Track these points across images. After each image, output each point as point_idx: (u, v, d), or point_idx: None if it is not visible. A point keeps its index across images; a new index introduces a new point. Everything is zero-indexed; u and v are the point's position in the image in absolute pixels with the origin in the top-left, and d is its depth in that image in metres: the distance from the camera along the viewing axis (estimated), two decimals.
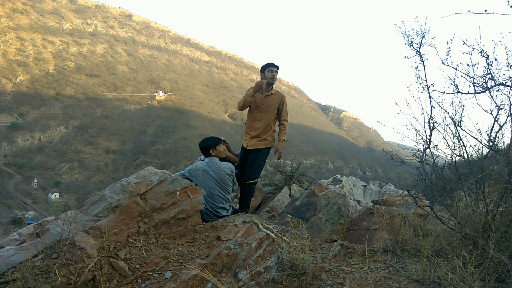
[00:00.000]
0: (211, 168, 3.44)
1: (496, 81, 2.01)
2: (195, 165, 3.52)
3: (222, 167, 3.48)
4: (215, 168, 3.44)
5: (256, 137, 3.77)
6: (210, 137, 3.74)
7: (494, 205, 1.99)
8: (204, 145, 3.61)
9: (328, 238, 2.82)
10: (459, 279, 1.63)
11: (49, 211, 34.41)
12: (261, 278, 1.99)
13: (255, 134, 3.77)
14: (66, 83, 78.70)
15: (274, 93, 3.78)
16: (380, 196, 6.16)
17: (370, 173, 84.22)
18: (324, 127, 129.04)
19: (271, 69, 3.72)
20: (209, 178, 3.39)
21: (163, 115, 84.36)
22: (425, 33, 2.25)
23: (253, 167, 3.77)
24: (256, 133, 3.76)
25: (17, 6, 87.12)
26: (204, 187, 3.33)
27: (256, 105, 3.76)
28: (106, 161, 66.38)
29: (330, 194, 3.39)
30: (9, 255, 1.99)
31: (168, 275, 2.18)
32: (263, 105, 3.74)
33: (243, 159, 3.90)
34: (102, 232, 2.30)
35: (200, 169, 3.45)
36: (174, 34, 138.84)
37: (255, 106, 3.77)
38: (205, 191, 3.31)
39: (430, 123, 2.39)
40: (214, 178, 3.40)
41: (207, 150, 3.57)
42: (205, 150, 3.58)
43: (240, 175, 3.82)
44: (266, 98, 3.75)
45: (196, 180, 3.35)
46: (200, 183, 3.35)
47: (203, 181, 3.38)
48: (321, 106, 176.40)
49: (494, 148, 2.16)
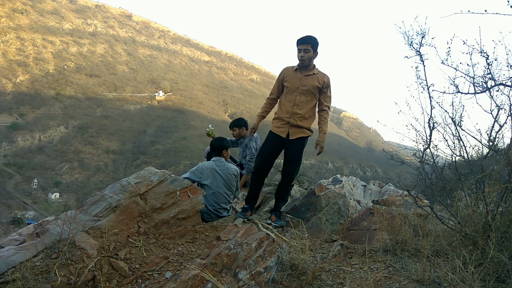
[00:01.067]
0: (220, 167, 3.46)
1: (496, 81, 2.01)
2: (201, 164, 3.53)
3: (230, 167, 3.55)
4: (224, 168, 3.47)
5: (297, 126, 3.12)
6: (225, 139, 3.84)
7: (494, 205, 1.99)
8: (219, 144, 3.63)
9: (328, 238, 2.82)
10: (459, 279, 1.63)
11: (49, 211, 34.42)
12: (261, 278, 1.99)
13: (296, 122, 3.10)
14: (66, 83, 78.71)
15: (316, 73, 3.13)
16: (380, 196, 6.16)
17: (370, 173, 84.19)
18: None
19: (298, 48, 3.06)
20: (216, 177, 3.41)
21: (163, 115, 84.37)
22: (425, 33, 2.25)
23: (298, 165, 3.21)
24: (298, 120, 3.10)
25: (17, 6, 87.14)
26: (211, 185, 3.35)
27: (294, 86, 3.11)
28: (106, 161, 66.38)
29: (330, 194, 3.39)
30: (9, 255, 1.99)
31: (168, 275, 2.18)
32: (304, 87, 3.08)
33: (273, 151, 3.20)
34: (102, 232, 2.30)
35: (208, 167, 3.46)
36: (174, 34, 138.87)
37: (293, 88, 3.12)
38: (211, 190, 3.33)
39: (430, 123, 2.39)
40: (222, 177, 3.42)
41: (220, 150, 3.60)
42: (218, 149, 3.61)
43: (260, 168, 3.25)
44: (306, 79, 3.09)
45: (203, 179, 3.37)
46: (207, 182, 3.36)
47: (210, 180, 3.40)
48: None
49: (494, 148, 2.17)
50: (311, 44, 3.03)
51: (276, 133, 3.16)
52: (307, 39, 3.03)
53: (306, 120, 3.14)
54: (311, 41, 3.03)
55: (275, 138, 3.17)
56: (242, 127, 4.54)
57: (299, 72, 3.12)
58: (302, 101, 3.10)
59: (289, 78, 3.15)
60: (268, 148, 3.20)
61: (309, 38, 3.04)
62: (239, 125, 4.56)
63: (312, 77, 3.11)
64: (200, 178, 3.38)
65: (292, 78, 3.14)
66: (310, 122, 3.19)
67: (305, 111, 3.12)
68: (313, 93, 3.11)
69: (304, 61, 3.05)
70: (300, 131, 3.13)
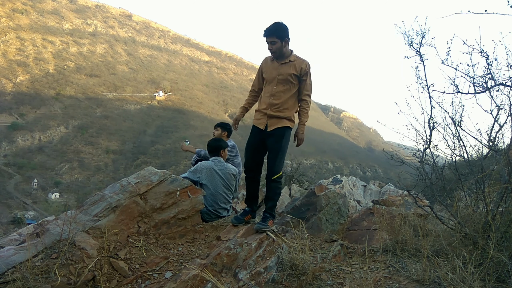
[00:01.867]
0: (219, 167, 3.46)
1: (496, 81, 2.01)
2: (200, 164, 3.53)
3: (229, 167, 3.55)
4: (222, 168, 3.47)
5: (275, 117, 2.97)
6: (221, 139, 3.84)
7: (494, 205, 1.99)
8: (217, 144, 3.63)
9: (328, 238, 2.82)
10: (459, 279, 1.63)
11: (49, 211, 34.38)
12: (261, 278, 1.99)
13: (273, 112, 2.96)
14: (66, 83, 78.72)
15: (293, 60, 2.94)
16: (380, 196, 6.16)
17: (370, 173, 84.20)
18: (324, 127, 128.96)
19: (266, 41, 2.89)
20: (215, 177, 3.40)
21: (163, 115, 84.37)
22: (425, 33, 2.25)
23: (278, 156, 2.96)
24: (275, 110, 2.96)
25: (17, 6, 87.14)
26: (210, 186, 3.35)
27: (271, 76, 2.97)
28: (106, 161, 66.39)
29: (330, 194, 3.39)
30: (9, 255, 1.99)
31: (168, 275, 2.18)
32: (280, 76, 2.93)
33: (256, 145, 3.05)
34: (102, 232, 2.30)
35: (207, 167, 3.45)
36: (174, 34, 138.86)
37: (271, 78, 2.98)
38: (210, 190, 3.33)
39: (430, 123, 2.39)
40: (221, 177, 3.42)
41: (218, 149, 3.59)
42: (216, 149, 3.60)
43: (248, 166, 3.12)
44: (282, 67, 2.93)
45: (202, 178, 3.37)
46: (206, 182, 3.36)
47: (209, 180, 3.39)
48: (321, 106, 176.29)
49: (494, 148, 2.17)
50: (275, 35, 2.85)
51: (256, 126, 3.05)
52: (271, 31, 2.85)
53: (286, 110, 2.97)
54: (275, 32, 2.85)
55: (254, 131, 3.06)
56: (225, 131, 4.27)
57: (275, 61, 2.97)
58: (279, 91, 2.95)
59: (266, 68, 3.03)
60: (251, 143, 3.06)
61: (272, 29, 2.85)
62: (224, 127, 4.31)
63: (289, 64, 2.95)
64: (199, 177, 3.38)
65: (269, 68, 3.01)
66: (290, 112, 3.01)
67: (283, 101, 2.95)
68: (291, 81, 2.94)
69: (275, 52, 2.91)
70: (278, 121, 2.97)
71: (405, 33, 2.32)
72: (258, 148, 3.04)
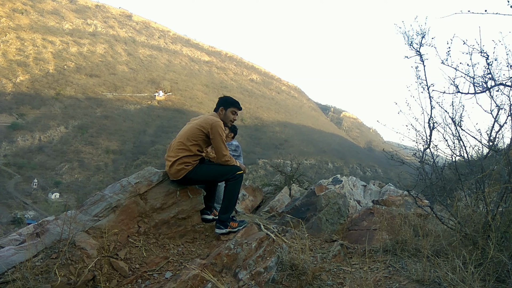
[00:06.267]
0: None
1: (496, 81, 2.01)
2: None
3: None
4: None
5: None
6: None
7: (494, 205, 1.99)
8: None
9: (328, 238, 2.82)
10: (459, 279, 1.63)
11: (49, 211, 34.36)
12: (261, 278, 1.99)
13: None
14: (66, 83, 78.67)
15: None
16: (380, 196, 6.16)
17: (370, 173, 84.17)
18: (324, 127, 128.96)
19: (235, 110, 3.04)
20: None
21: (163, 115, 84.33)
22: (425, 33, 2.25)
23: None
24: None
25: (17, 6, 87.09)
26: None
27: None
28: (106, 161, 66.34)
29: (330, 194, 3.39)
30: (9, 255, 1.99)
31: (168, 275, 2.18)
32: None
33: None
34: (102, 232, 2.30)
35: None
36: (174, 34, 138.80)
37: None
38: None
39: (430, 123, 2.39)
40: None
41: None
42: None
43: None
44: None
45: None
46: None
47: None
48: (321, 106, 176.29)
49: (494, 148, 2.16)
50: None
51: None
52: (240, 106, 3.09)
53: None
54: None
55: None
56: (231, 132, 4.20)
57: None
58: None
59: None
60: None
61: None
62: (231, 128, 4.18)
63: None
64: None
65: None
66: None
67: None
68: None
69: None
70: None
71: (405, 33, 2.32)
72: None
